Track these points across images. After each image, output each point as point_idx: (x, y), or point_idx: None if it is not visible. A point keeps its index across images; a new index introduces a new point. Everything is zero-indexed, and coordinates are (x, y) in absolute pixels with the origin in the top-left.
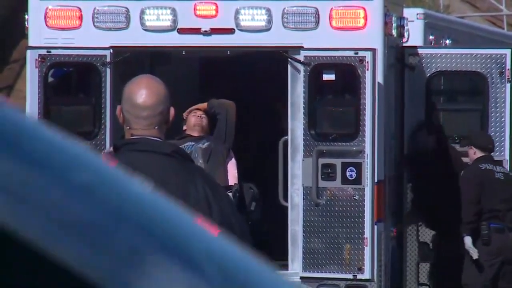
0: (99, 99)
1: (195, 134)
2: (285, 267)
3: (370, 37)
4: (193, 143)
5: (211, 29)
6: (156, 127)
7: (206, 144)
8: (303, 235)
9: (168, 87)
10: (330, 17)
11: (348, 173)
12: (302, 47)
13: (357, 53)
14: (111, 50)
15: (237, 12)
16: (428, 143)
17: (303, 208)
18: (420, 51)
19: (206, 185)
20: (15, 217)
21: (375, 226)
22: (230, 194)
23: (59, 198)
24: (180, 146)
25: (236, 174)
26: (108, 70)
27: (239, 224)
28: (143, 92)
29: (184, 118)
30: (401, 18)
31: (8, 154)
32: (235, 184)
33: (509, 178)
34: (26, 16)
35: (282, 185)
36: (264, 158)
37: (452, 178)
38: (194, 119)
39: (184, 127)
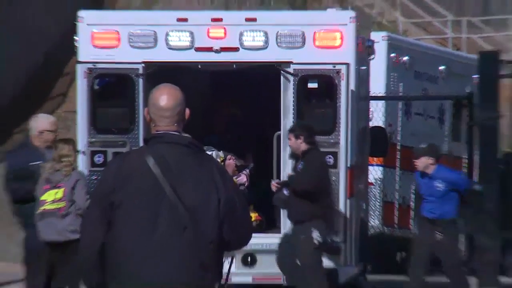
0: (133, 102)
1: None
2: (278, 231)
3: (345, 54)
4: None
5: (220, 48)
6: (175, 124)
7: None
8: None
9: (187, 93)
10: (314, 38)
11: (327, 160)
12: (292, 62)
13: (334, 67)
14: (143, 65)
15: (241, 35)
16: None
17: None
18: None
19: (215, 170)
20: None
21: (348, 201)
22: (248, 171)
23: None
24: None
25: (251, 156)
26: (140, 80)
27: (240, 201)
28: (164, 97)
29: None
30: (369, 40)
31: None
32: (251, 163)
33: None
34: (76, 38)
35: (276, 169)
36: (262, 148)
37: None
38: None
39: None
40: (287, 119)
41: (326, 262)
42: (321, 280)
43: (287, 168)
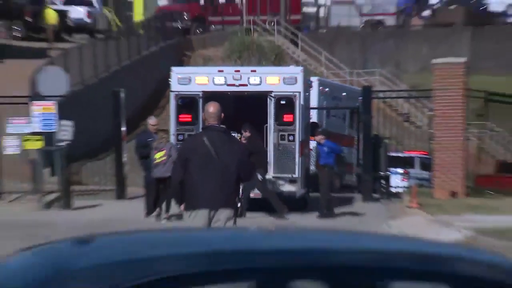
0: (197, 110)
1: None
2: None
3: (298, 87)
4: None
5: (239, 84)
6: (216, 121)
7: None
8: (273, 160)
9: (222, 106)
10: (284, 80)
11: (289, 138)
12: (273, 91)
13: (293, 93)
14: (202, 92)
15: (248, 78)
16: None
17: (273, 150)
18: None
19: (236, 144)
20: None
21: (300, 158)
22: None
23: None
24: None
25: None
26: (200, 100)
27: (248, 160)
28: (212, 107)
29: None
30: (309, 80)
31: None
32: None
33: None
34: (170, 79)
35: (265, 144)
36: (259, 133)
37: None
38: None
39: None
40: (271, 119)
41: (290, 188)
42: (274, 197)
43: (270, 143)
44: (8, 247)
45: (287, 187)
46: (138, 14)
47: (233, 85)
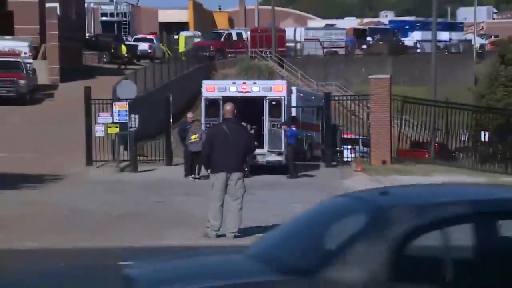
0: (219, 109)
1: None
2: (261, 148)
3: (284, 93)
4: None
5: (245, 91)
6: (231, 115)
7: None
8: (267, 140)
9: (235, 106)
10: (273, 88)
11: (278, 126)
12: (267, 96)
13: (280, 97)
14: (221, 97)
15: (251, 87)
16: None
17: (267, 134)
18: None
19: (244, 131)
20: None
21: (284, 139)
22: (253, 130)
23: None
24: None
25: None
26: (221, 102)
27: (252, 140)
28: (228, 106)
29: None
30: (291, 88)
31: None
32: (252, 127)
33: None
34: (202, 88)
35: (262, 130)
36: (258, 125)
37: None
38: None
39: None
40: (266, 114)
41: (278, 158)
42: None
43: (265, 129)
44: (100, 195)
45: (276, 157)
46: (182, 47)
47: (242, 92)
